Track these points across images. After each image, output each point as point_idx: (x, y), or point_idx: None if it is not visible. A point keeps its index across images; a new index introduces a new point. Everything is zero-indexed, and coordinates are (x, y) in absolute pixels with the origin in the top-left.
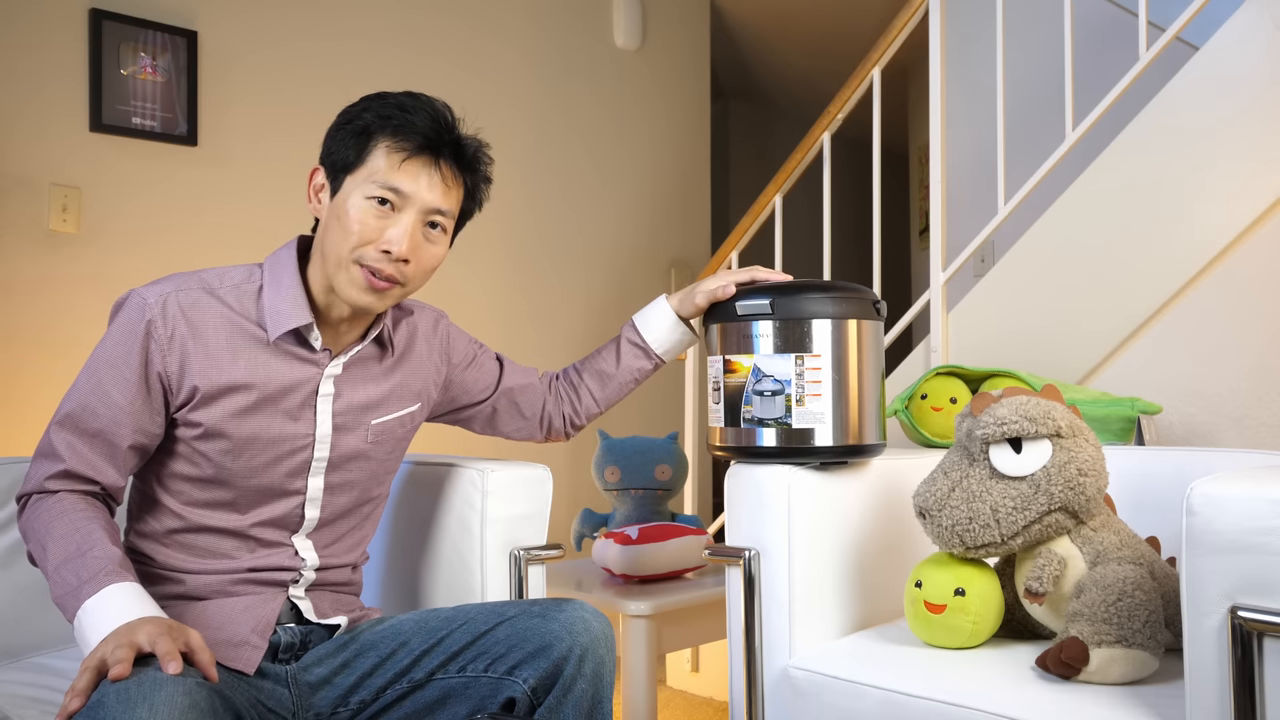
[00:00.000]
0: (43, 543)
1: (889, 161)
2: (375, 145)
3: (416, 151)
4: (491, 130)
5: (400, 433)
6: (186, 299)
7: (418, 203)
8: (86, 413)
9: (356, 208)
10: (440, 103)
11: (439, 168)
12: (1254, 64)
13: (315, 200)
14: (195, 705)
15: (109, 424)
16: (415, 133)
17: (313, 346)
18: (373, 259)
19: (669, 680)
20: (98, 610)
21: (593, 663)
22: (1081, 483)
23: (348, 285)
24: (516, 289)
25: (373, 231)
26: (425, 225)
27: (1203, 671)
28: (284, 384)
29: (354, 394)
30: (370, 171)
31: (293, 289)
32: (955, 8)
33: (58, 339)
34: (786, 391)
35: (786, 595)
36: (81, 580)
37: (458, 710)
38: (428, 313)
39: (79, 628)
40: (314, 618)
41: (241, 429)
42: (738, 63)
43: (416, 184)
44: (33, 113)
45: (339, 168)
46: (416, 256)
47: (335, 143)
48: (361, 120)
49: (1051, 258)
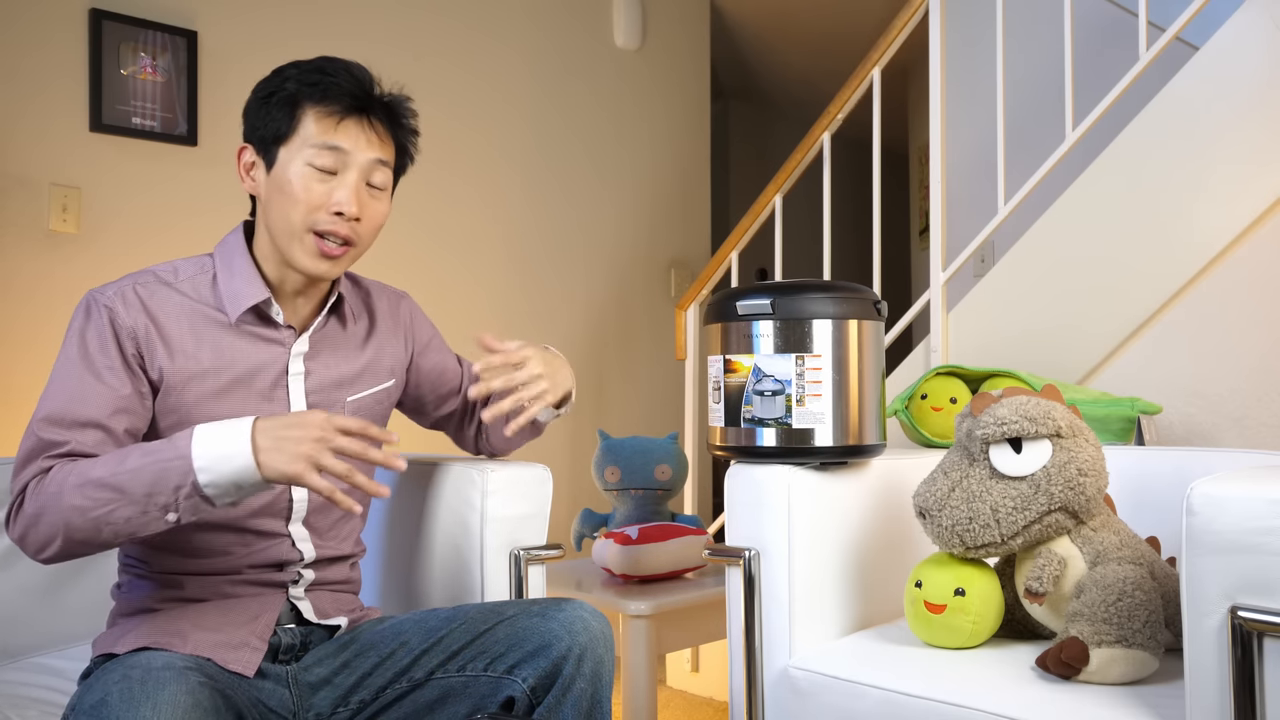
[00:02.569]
0: (83, 481)
1: (889, 161)
2: (304, 112)
3: (346, 112)
4: (491, 130)
5: (379, 410)
6: (144, 290)
7: (358, 160)
8: (74, 403)
9: (299, 175)
10: (356, 64)
11: (371, 125)
12: (1254, 64)
13: (249, 178)
14: (199, 704)
15: (99, 411)
16: (342, 94)
17: (275, 322)
18: (326, 223)
19: (669, 680)
20: (209, 439)
21: (592, 662)
22: (1081, 483)
23: (302, 255)
24: (516, 289)
25: (319, 196)
26: (366, 185)
27: (1203, 671)
28: (252, 365)
29: (326, 372)
30: (305, 138)
31: (245, 269)
32: (955, 8)
33: (57, 339)
34: (787, 391)
35: (786, 595)
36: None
37: (457, 709)
38: (388, 292)
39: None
40: (314, 618)
41: (215, 413)
42: (738, 63)
43: (355, 143)
44: (33, 113)
45: (269, 140)
46: (366, 214)
47: (260, 116)
48: (285, 90)
49: (1051, 258)
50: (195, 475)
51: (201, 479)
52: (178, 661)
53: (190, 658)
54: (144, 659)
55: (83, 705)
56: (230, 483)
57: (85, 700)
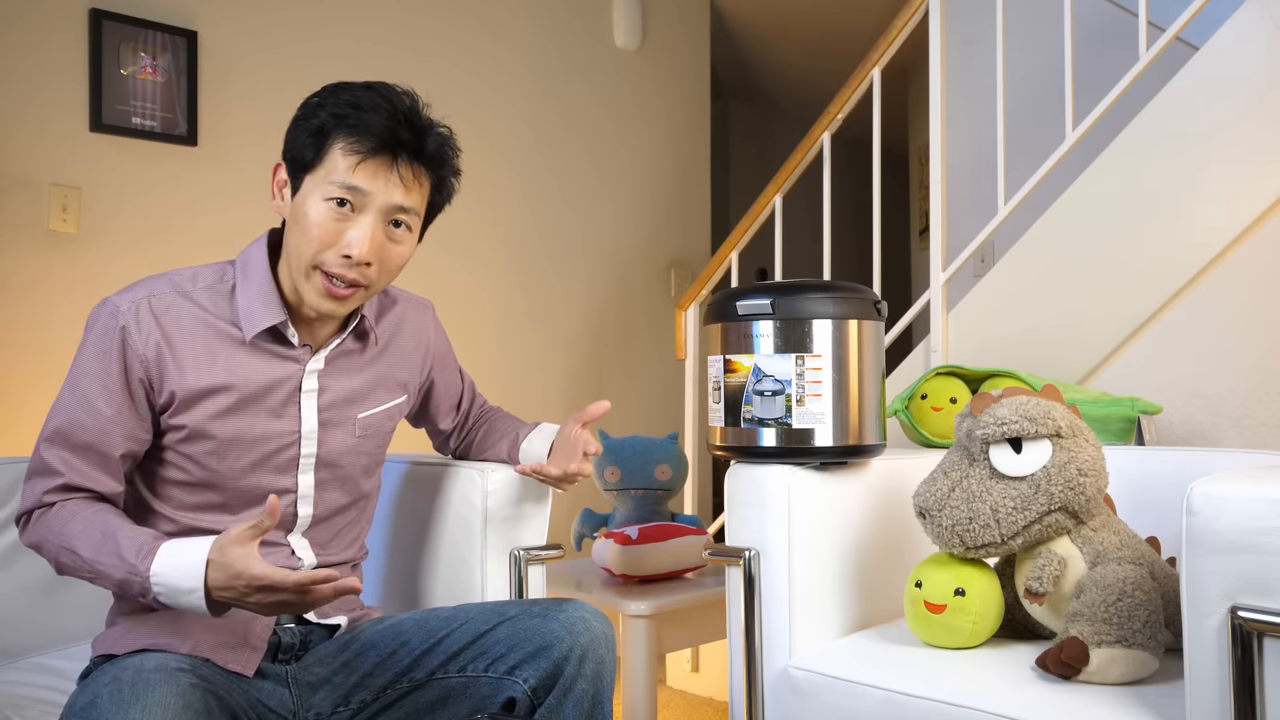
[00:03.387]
0: (67, 546)
1: (889, 161)
2: (332, 145)
3: (372, 153)
4: (491, 130)
5: (388, 425)
6: (159, 304)
7: (377, 203)
8: (74, 426)
9: (315, 210)
10: (402, 94)
11: (397, 167)
12: (1254, 64)
13: (279, 197)
14: (189, 705)
15: (98, 435)
16: (370, 133)
17: (291, 343)
18: (334, 264)
19: (669, 680)
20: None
21: (593, 663)
22: (1081, 483)
23: (310, 292)
24: (516, 288)
25: (332, 235)
26: (388, 224)
27: (1203, 671)
28: (264, 383)
29: (339, 388)
30: (328, 172)
31: (264, 287)
32: (955, 8)
33: (57, 340)
34: (787, 391)
35: (786, 595)
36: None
37: (458, 710)
38: (414, 302)
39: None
40: (313, 617)
41: (224, 429)
42: (738, 63)
43: (374, 184)
44: (33, 113)
45: (298, 166)
46: (380, 258)
47: (294, 140)
48: (317, 119)
49: (1052, 258)
50: (153, 591)
51: (161, 599)
52: (171, 663)
53: (187, 659)
54: (138, 661)
55: (74, 707)
56: (188, 609)
57: (78, 702)
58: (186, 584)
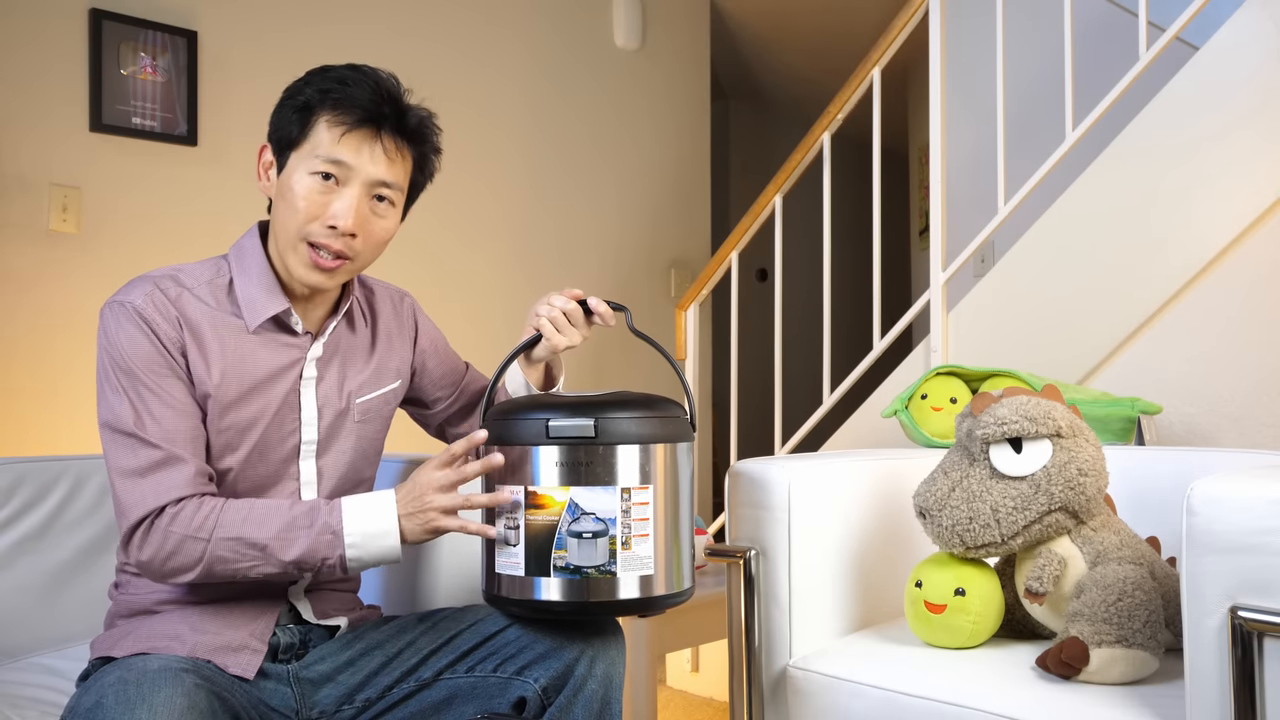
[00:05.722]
0: (231, 536)
1: (889, 161)
2: (316, 120)
3: (357, 124)
4: (492, 130)
5: (386, 411)
6: (171, 294)
7: (361, 175)
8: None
9: (301, 184)
10: (385, 74)
11: (380, 140)
12: (1254, 65)
13: (265, 178)
14: (194, 706)
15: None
16: (355, 106)
17: (294, 330)
18: (320, 235)
19: (669, 680)
20: (357, 514)
21: (604, 664)
22: (1082, 483)
23: (297, 264)
24: (518, 288)
25: (318, 207)
26: (372, 199)
27: (1203, 671)
28: (269, 371)
29: (337, 374)
30: (313, 146)
31: (264, 275)
32: (955, 8)
33: (58, 340)
34: (611, 532)
35: (786, 595)
36: (319, 520)
37: (464, 710)
38: (391, 292)
39: (357, 538)
40: (314, 619)
41: (228, 421)
42: (738, 63)
43: (359, 157)
44: (32, 113)
45: (283, 144)
46: (364, 230)
47: (279, 119)
48: (303, 96)
49: (1052, 258)
50: (344, 550)
51: (350, 554)
52: (174, 663)
53: (188, 660)
54: (141, 662)
55: (79, 708)
56: (374, 559)
57: (82, 703)
58: (376, 525)
